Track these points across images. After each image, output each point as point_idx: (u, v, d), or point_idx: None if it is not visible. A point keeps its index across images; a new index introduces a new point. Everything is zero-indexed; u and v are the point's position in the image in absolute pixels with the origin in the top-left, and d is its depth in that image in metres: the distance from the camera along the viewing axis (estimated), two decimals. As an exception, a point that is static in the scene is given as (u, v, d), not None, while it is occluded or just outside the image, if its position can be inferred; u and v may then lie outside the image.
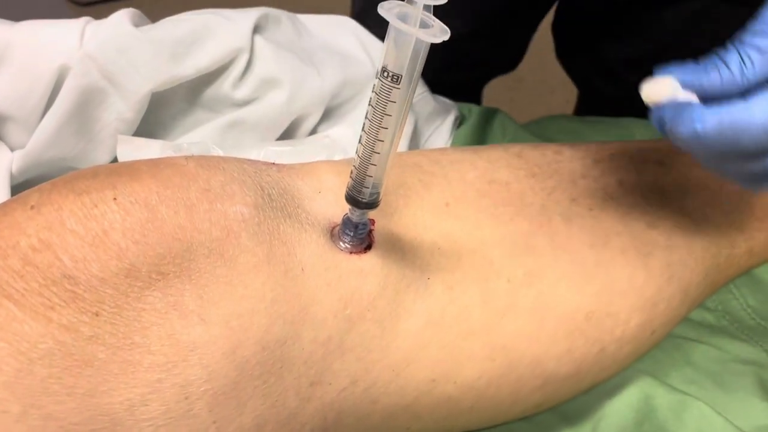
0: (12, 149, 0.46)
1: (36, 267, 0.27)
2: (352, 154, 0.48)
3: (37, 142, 0.44)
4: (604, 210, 0.41)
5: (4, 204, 0.30)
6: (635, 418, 0.39)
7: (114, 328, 0.27)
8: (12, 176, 0.45)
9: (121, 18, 0.44)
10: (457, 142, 0.55)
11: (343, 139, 0.49)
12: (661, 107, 0.32)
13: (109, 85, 0.44)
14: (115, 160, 0.46)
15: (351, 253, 0.33)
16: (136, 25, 0.45)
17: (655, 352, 0.43)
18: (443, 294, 0.35)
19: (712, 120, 0.30)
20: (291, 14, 0.51)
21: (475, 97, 0.90)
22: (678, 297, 0.41)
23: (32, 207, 0.29)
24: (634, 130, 0.59)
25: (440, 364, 0.34)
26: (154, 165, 0.31)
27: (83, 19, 0.46)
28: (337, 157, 0.48)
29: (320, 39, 0.51)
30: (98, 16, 0.47)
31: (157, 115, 0.47)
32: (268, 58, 0.46)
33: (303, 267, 0.31)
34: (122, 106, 0.44)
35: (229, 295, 0.29)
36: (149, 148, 0.44)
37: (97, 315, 0.27)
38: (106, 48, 0.43)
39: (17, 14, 0.48)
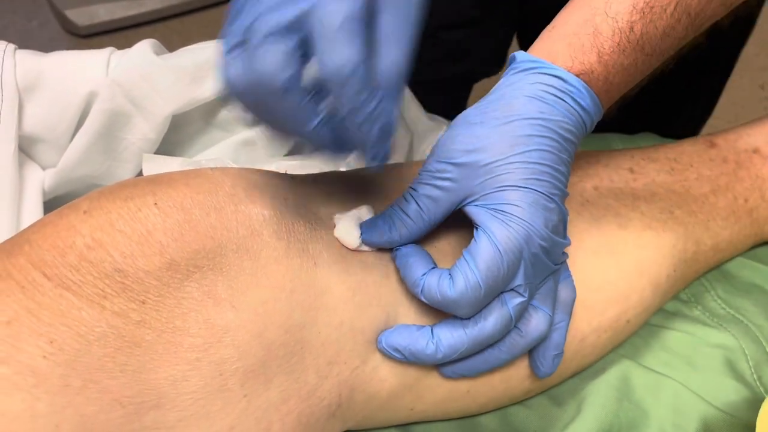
0: (43, 168, 0.51)
1: (90, 262, 0.31)
2: (354, 166, 0.53)
3: (68, 161, 0.49)
4: (579, 213, 0.45)
5: (59, 210, 0.34)
6: (615, 397, 0.43)
7: (158, 314, 0.32)
8: (44, 193, 0.49)
9: (144, 47, 0.49)
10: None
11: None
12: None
13: (134, 108, 0.48)
14: (139, 176, 0.50)
15: None
16: (157, 53, 0.50)
17: (632, 339, 0.47)
18: None
19: None
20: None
21: (464, 96, 0.89)
22: (649, 290, 0.45)
23: (85, 212, 0.33)
24: (612, 142, 0.64)
25: None
26: (186, 174, 0.36)
27: (108, 50, 0.51)
28: (341, 169, 0.52)
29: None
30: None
31: (177, 135, 0.51)
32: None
33: (315, 261, 0.36)
34: (145, 128, 0.49)
35: (255, 284, 0.34)
36: (171, 165, 0.49)
37: (143, 303, 0.31)
38: (131, 74, 0.48)
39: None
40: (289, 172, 0.41)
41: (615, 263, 0.44)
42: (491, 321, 0.36)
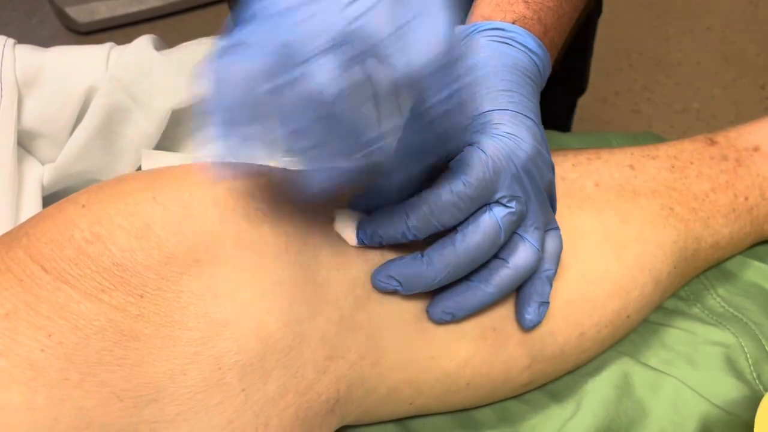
0: (42, 163, 0.50)
1: (89, 256, 0.31)
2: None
3: (67, 156, 0.49)
4: (581, 208, 0.45)
5: (57, 204, 0.34)
6: (615, 394, 0.43)
7: (157, 308, 0.32)
8: (43, 188, 0.49)
9: (144, 43, 0.49)
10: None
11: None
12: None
13: (133, 103, 0.48)
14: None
15: None
16: (157, 49, 0.50)
17: (632, 336, 0.47)
18: None
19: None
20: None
21: None
22: (650, 285, 0.45)
23: (83, 205, 0.33)
24: (611, 139, 0.64)
25: (437, 341, 0.38)
26: (186, 169, 0.36)
27: (107, 45, 0.51)
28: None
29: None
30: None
31: (177, 131, 0.51)
32: (276, 78, 0.51)
33: (315, 254, 0.36)
34: (145, 123, 0.49)
35: (254, 278, 0.33)
36: (171, 161, 0.48)
37: (141, 297, 0.31)
38: (130, 70, 0.48)
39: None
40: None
41: (617, 257, 0.44)
42: (479, 230, 0.35)
